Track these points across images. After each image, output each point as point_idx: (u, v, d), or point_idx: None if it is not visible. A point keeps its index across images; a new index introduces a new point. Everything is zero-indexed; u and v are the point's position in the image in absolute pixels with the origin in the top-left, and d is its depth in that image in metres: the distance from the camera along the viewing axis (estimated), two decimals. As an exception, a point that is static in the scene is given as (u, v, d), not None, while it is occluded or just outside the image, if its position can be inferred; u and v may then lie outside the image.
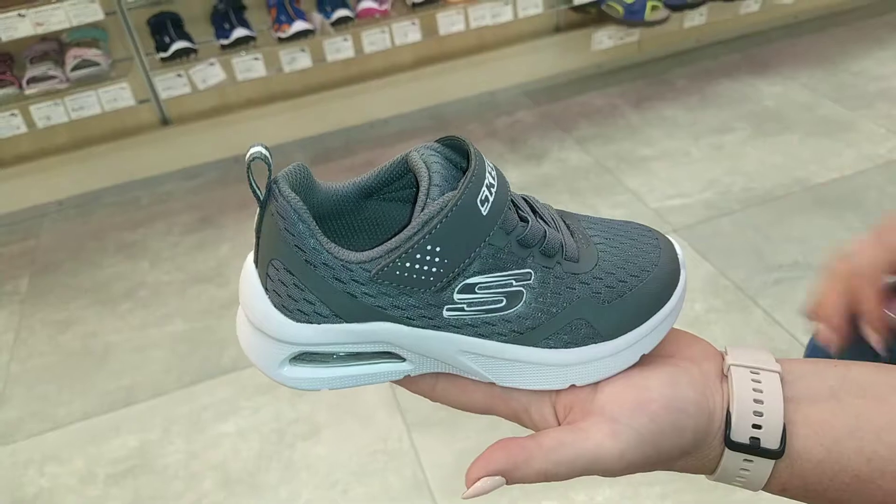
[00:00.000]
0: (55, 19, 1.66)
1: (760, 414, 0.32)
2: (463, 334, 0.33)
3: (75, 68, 1.74)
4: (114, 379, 1.43)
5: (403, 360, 0.34)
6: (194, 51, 1.83)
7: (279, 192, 0.30)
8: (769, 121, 1.96)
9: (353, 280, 0.31)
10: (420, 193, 0.31)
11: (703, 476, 0.36)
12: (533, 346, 0.33)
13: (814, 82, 2.10)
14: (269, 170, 0.30)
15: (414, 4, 1.89)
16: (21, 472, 1.26)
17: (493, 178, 0.32)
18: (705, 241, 1.55)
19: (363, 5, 1.86)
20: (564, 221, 0.36)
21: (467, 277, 0.32)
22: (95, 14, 1.68)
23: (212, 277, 1.67)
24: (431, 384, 0.36)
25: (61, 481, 1.23)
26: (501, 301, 0.32)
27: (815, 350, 0.62)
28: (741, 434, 0.32)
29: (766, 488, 0.34)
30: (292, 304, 0.32)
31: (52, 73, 1.73)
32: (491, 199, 0.31)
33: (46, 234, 1.94)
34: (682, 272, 0.37)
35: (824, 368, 0.34)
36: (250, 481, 1.18)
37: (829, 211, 1.59)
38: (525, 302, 0.33)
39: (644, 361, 0.35)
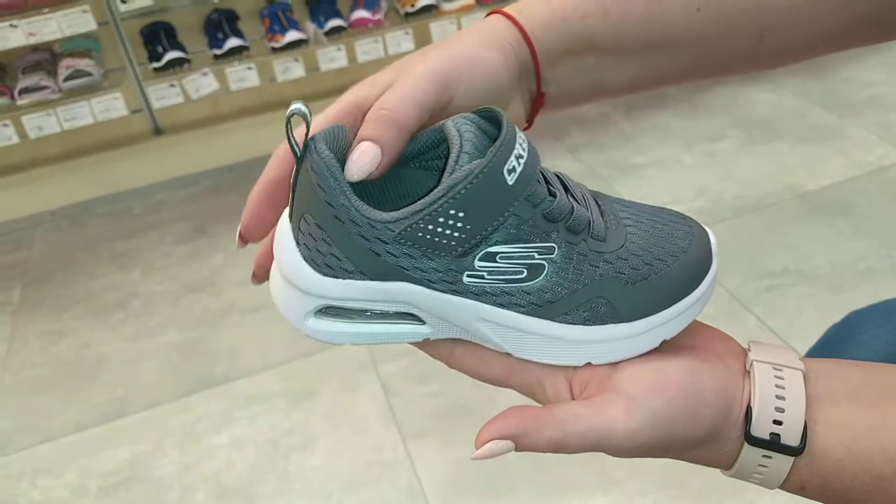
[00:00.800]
0: (48, 30, 1.66)
1: (782, 410, 0.32)
2: (482, 302, 0.33)
3: (68, 78, 1.74)
4: (107, 390, 1.42)
5: (423, 322, 0.35)
6: (188, 60, 1.83)
7: (315, 148, 0.31)
8: (760, 128, 1.97)
9: (378, 239, 0.32)
10: (450, 160, 0.32)
11: (696, 485, 0.36)
12: (551, 319, 0.34)
13: (804, 89, 2.12)
14: (308, 127, 0.31)
15: (407, 14, 1.90)
16: (14, 485, 1.25)
17: (524, 150, 0.32)
18: (698, 248, 1.56)
19: (356, 15, 1.87)
20: (596, 201, 0.37)
21: (489, 246, 0.32)
22: (88, 24, 1.68)
23: (205, 287, 1.66)
24: (449, 350, 0.36)
25: (54, 494, 1.23)
26: (522, 272, 0.33)
27: (819, 353, 0.62)
28: (761, 429, 0.32)
29: (784, 487, 0.34)
30: (320, 257, 0.33)
31: (44, 83, 1.73)
32: (519, 169, 0.32)
33: (39, 244, 1.93)
34: (714, 262, 0.36)
35: (846, 368, 0.34)
36: (244, 493, 1.18)
37: (820, 218, 1.60)
38: (546, 275, 0.33)
39: (667, 349, 0.35)
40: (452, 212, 0.31)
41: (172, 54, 1.80)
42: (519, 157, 0.32)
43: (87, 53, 1.82)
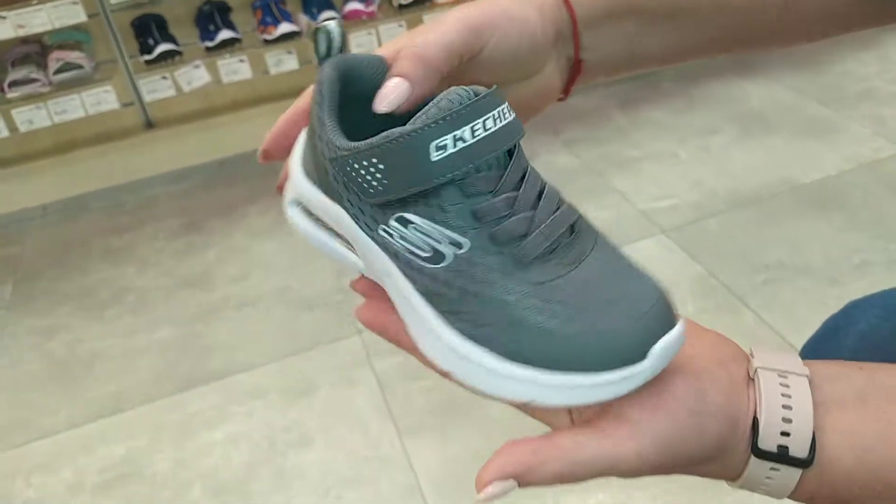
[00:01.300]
0: (37, 21, 1.64)
1: (789, 420, 0.31)
2: (390, 260, 0.33)
3: (58, 71, 1.72)
4: (101, 386, 1.41)
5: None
6: (179, 53, 1.82)
7: (323, 65, 0.36)
8: (755, 122, 1.97)
9: (330, 158, 0.34)
10: (413, 116, 0.32)
11: (693, 480, 0.36)
12: (434, 310, 0.33)
13: (799, 83, 2.12)
14: (333, 43, 0.36)
15: (401, 6, 1.89)
16: (8, 483, 1.24)
17: (472, 138, 0.30)
18: (693, 242, 1.56)
19: (350, 7, 1.85)
20: (572, 230, 0.33)
21: (405, 211, 0.32)
22: (78, 16, 1.66)
23: (199, 282, 1.65)
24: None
25: (49, 491, 1.22)
26: (427, 251, 0.32)
27: (812, 352, 0.62)
28: (769, 442, 0.31)
29: (793, 496, 0.33)
30: (303, 158, 0.37)
31: (34, 76, 1.71)
32: (451, 150, 0.30)
33: (30, 239, 1.92)
34: (647, 363, 0.29)
35: (850, 371, 0.34)
36: (241, 490, 1.17)
37: (815, 211, 1.60)
38: (445, 266, 0.31)
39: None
40: (374, 160, 0.31)
41: (164, 46, 1.78)
42: (459, 139, 0.30)
43: (78, 46, 1.80)
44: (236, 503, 1.15)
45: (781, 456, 0.31)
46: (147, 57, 1.79)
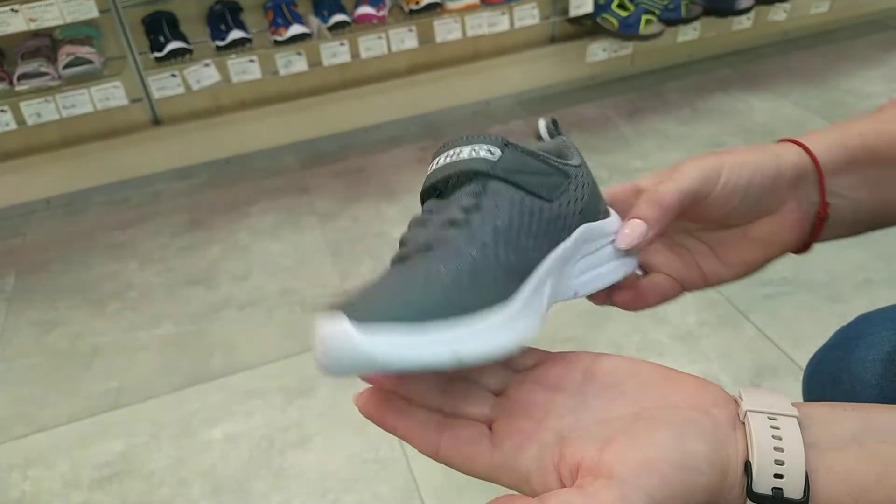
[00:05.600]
0: (49, 16, 1.65)
1: (782, 462, 0.31)
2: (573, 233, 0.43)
3: (68, 66, 1.72)
4: (101, 381, 1.41)
5: None
6: (189, 51, 1.82)
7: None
8: (760, 136, 1.98)
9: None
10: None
11: None
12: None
13: (804, 99, 2.13)
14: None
15: (411, 11, 1.89)
16: (4, 476, 1.23)
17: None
18: (697, 254, 1.56)
19: (361, 11, 1.86)
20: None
21: None
22: (90, 11, 1.66)
23: (202, 279, 1.65)
24: (435, 446, 0.36)
25: (45, 485, 1.21)
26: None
27: (812, 375, 0.63)
28: (763, 485, 0.31)
29: None
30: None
31: (43, 69, 1.71)
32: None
33: (33, 232, 1.92)
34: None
35: (842, 412, 0.34)
36: (239, 489, 1.17)
37: (819, 228, 1.61)
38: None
39: (649, 413, 0.34)
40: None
41: (174, 44, 1.78)
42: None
43: (88, 41, 1.80)
44: (234, 502, 1.15)
45: (776, 499, 0.31)
46: (157, 54, 1.79)
